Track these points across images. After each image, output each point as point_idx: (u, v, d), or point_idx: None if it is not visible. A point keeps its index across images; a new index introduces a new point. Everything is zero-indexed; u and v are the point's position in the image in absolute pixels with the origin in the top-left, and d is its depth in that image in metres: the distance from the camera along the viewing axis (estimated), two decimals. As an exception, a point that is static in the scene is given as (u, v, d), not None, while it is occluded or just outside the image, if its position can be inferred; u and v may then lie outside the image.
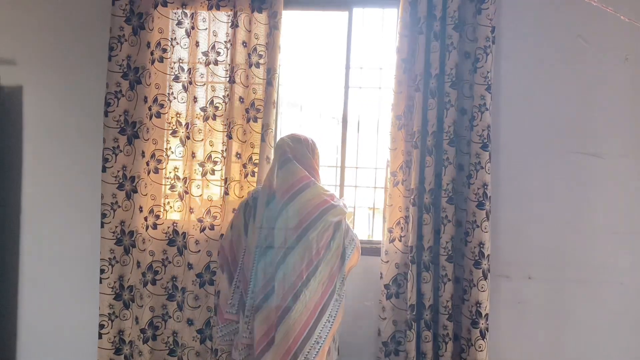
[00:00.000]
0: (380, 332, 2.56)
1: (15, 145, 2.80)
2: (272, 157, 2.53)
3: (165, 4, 2.62)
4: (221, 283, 2.28)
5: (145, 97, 2.61)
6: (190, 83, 2.63)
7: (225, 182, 2.61)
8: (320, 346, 2.02)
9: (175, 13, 2.65)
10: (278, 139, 2.48)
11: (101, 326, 2.60)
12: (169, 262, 2.63)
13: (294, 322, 1.98)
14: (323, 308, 2.03)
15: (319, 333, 2.02)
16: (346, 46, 2.77)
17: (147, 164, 2.63)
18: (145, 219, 2.63)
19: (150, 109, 2.62)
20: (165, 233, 2.63)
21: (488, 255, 2.45)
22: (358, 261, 2.21)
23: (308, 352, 1.99)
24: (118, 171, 2.60)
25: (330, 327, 2.05)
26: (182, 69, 2.63)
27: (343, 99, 2.79)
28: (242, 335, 2.10)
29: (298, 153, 2.18)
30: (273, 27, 2.58)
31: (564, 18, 2.60)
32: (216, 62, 2.63)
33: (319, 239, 2.05)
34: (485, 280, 2.44)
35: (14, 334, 2.81)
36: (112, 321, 2.61)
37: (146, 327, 2.63)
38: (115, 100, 2.58)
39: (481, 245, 2.44)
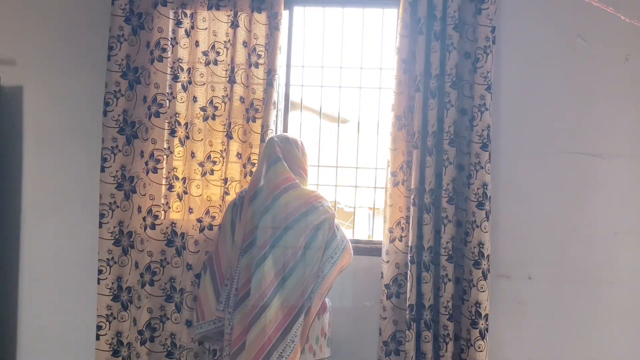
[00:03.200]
0: (381, 331, 2.55)
1: (15, 145, 2.80)
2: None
3: (164, 4, 2.61)
4: (204, 281, 2.30)
5: (145, 97, 2.60)
6: (190, 83, 2.62)
7: (225, 183, 2.60)
8: (295, 344, 2.01)
9: (175, 13, 2.64)
10: (267, 139, 2.46)
11: (99, 327, 2.57)
12: (167, 263, 2.61)
13: (268, 322, 1.97)
14: (301, 308, 2.02)
15: (295, 332, 2.01)
16: (287, 45, 2.75)
17: (146, 163, 2.61)
18: (144, 219, 2.61)
19: (149, 109, 2.60)
20: (164, 233, 2.61)
21: (488, 256, 2.45)
22: (350, 262, 2.20)
23: (283, 350, 1.98)
24: (117, 171, 2.59)
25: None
26: (182, 69, 2.62)
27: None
28: (226, 332, 2.12)
29: (288, 153, 2.21)
30: (274, 28, 2.58)
31: (564, 18, 2.60)
32: (216, 62, 2.62)
33: (295, 241, 2.05)
34: (485, 280, 2.43)
35: (14, 334, 2.80)
36: (109, 322, 2.59)
37: (144, 329, 2.61)
38: (114, 100, 2.57)
39: (481, 245, 2.43)
